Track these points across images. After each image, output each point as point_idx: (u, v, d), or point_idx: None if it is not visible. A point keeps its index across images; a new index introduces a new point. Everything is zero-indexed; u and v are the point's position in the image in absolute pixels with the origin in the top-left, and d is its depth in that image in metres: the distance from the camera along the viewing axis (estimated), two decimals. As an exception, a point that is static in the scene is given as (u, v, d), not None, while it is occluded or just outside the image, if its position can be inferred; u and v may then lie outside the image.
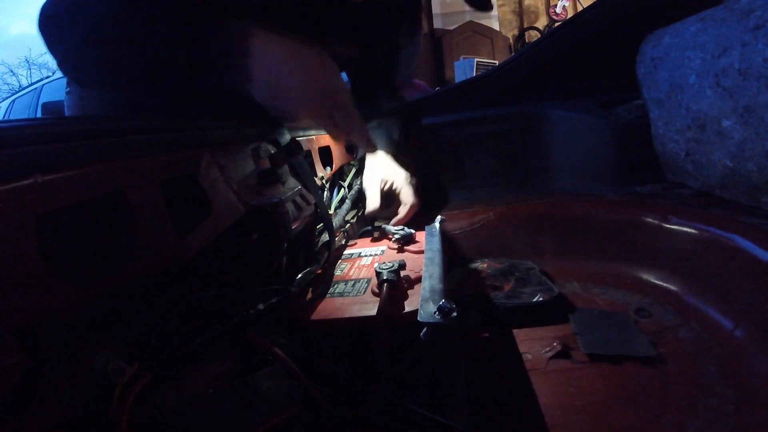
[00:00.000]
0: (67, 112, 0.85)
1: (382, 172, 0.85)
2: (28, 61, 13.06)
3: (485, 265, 0.90)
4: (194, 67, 0.49)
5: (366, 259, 0.66)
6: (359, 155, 0.92)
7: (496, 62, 4.30)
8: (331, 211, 0.77)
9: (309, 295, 0.54)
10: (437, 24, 5.06)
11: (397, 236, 0.70)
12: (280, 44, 0.48)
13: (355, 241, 0.78)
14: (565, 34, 1.11)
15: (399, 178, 0.84)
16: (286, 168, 0.59)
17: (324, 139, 0.82)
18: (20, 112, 4.21)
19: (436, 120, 1.19)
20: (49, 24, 0.51)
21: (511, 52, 5.06)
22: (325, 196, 0.71)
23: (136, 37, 0.48)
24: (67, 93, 0.83)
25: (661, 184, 0.98)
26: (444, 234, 0.80)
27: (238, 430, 0.34)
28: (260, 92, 0.48)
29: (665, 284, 0.78)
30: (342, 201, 0.86)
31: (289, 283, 0.51)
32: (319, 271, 0.61)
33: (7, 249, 0.23)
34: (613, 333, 0.67)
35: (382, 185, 0.84)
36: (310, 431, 0.37)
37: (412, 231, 0.72)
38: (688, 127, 0.86)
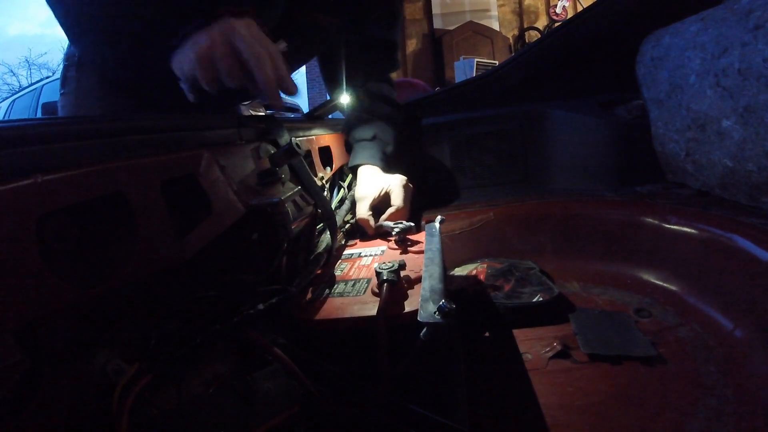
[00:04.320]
0: (60, 113, 0.85)
1: (376, 181, 0.82)
2: (28, 61, 13.10)
3: (485, 265, 0.90)
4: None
5: (366, 259, 0.66)
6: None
7: (496, 62, 4.30)
8: (331, 211, 0.77)
9: (309, 295, 0.54)
10: (437, 24, 5.06)
11: (396, 230, 0.69)
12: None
13: (355, 241, 0.78)
14: (565, 34, 1.11)
15: (393, 182, 0.81)
16: (286, 168, 0.59)
17: (324, 139, 0.82)
18: (20, 112, 4.20)
19: (436, 120, 1.19)
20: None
21: (511, 52, 5.05)
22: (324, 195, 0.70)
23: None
24: (61, 94, 0.82)
25: (661, 184, 0.98)
26: (444, 234, 0.80)
27: (238, 430, 0.34)
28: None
29: (665, 284, 0.78)
30: (342, 201, 0.86)
31: (289, 283, 0.51)
32: (319, 271, 0.61)
33: (7, 249, 0.23)
34: (613, 333, 0.67)
35: (378, 192, 0.81)
36: (310, 431, 0.37)
37: (411, 224, 0.70)
38: (688, 127, 0.86)
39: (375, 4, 0.88)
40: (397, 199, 0.80)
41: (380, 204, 0.81)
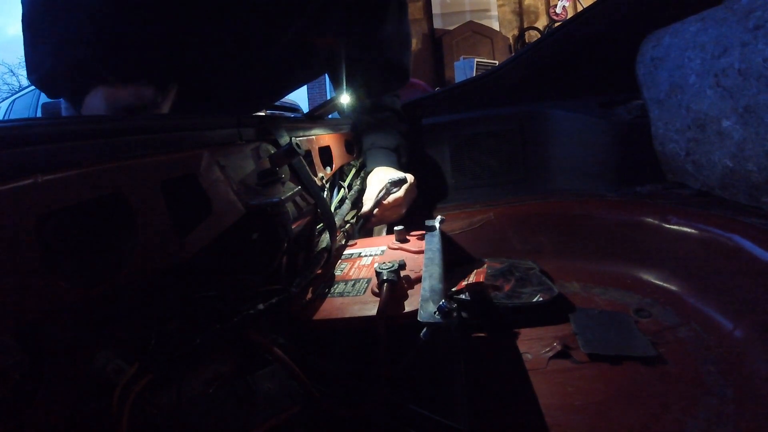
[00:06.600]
0: (64, 113, 0.85)
1: (387, 175, 0.89)
2: (28, 62, 13.04)
3: (485, 265, 0.90)
4: None
5: (366, 259, 0.66)
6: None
7: (496, 62, 4.30)
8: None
9: (309, 295, 0.54)
10: (437, 24, 5.06)
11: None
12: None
13: (355, 241, 0.78)
14: (565, 34, 1.11)
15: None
16: (286, 168, 0.59)
17: (324, 139, 0.82)
18: (20, 112, 4.20)
19: (436, 120, 1.19)
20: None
21: (511, 52, 5.06)
22: (324, 196, 0.70)
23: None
24: None
25: (661, 184, 0.98)
26: (444, 234, 0.80)
27: (238, 430, 0.34)
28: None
29: (665, 284, 0.78)
30: (342, 201, 0.86)
31: (289, 283, 0.51)
32: (319, 271, 0.61)
33: (7, 249, 0.23)
34: (613, 333, 0.67)
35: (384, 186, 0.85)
36: (310, 431, 0.37)
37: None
38: (688, 127, 0.86)
39: (385, 28, 0.90)
40: (399, 192, 0.86)
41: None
